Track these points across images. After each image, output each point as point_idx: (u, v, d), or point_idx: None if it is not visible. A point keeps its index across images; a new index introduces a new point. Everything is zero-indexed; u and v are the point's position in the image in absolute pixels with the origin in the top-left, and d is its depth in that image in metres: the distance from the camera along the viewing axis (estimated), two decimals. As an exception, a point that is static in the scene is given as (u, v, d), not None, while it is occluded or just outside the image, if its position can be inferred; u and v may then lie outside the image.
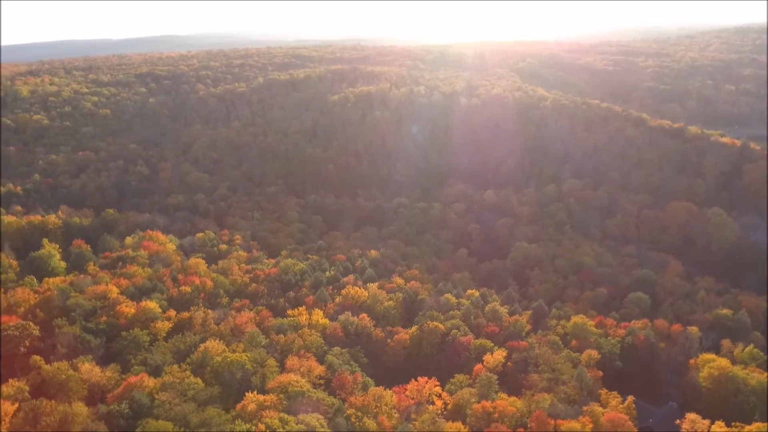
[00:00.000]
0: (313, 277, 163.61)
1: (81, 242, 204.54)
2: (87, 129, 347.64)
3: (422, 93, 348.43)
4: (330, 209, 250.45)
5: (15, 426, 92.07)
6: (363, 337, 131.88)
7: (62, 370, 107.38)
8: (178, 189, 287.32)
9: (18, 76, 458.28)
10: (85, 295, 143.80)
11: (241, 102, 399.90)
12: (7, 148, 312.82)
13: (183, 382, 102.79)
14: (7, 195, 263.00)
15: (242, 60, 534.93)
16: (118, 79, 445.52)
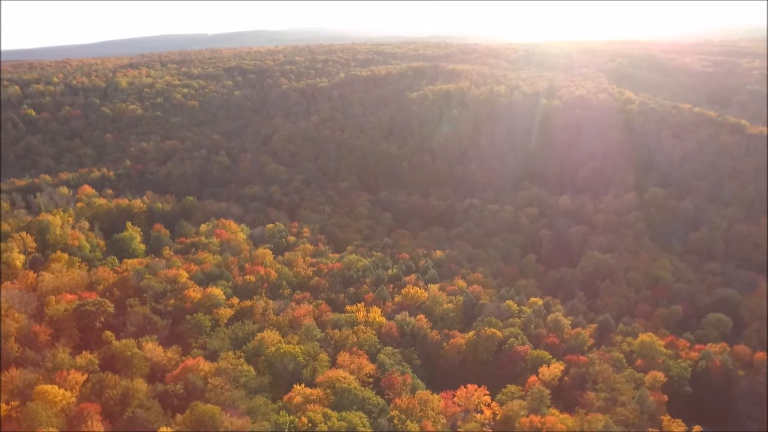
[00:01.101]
0: (375, 275, 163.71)
1: (161, 227, 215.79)
2: (176, 119, 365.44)
3: (502, 93, 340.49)
4: (400, 207, 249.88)
5: (83, 395, 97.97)
6: (418, 338, 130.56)
7: (129, 347, 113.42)
8: (255, 180, 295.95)
9: (120, 69, 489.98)
10: (157, 278, 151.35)
11: (322, 97, 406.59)
12: (104, 135, 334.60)
13: (236, 369, 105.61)
14: (101, 179, 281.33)
15: (326, 55, 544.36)
16: (208, 72, 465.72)
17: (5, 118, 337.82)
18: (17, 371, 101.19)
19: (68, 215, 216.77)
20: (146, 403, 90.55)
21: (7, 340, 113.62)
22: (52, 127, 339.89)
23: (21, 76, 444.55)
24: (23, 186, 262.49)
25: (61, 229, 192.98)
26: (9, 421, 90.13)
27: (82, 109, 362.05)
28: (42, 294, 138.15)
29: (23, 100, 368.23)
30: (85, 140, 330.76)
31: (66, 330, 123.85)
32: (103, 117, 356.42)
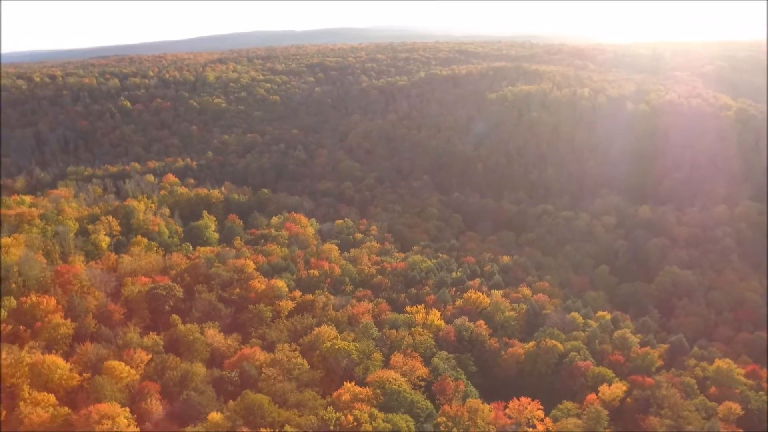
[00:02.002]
0: (438, 277, 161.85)
1: (235, 217, 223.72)
2: (257, 113, 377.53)
3: (586, 95, 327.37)
4: (471, 209, 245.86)
5: (147, 374, 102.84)
6: (476, 344, 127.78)
7: (192, 331, 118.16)
8: (330, 175, 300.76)
9: (209, 63, 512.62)
10: (225, 267, 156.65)
11: (401, 95, 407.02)
12: (190, 126, 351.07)
13: (290, 361, 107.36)
14: (184, 168, 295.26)
15: (407, 54, 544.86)
16: (291, 69, 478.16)
17: (104, 108, 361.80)
18: (91, 346, 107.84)
19: (151, 202, 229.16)
20: (201, 387, 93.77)
21: (86, 315, 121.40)
22: (145, 117, 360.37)
23: (121, 69, 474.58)
24: (115, 172, 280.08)
25: (144, 214, 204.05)
26: (81, 391, 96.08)
27: (172, 102, 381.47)
28: (120, 275, 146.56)
29: (121, 92, 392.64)
30: (173, 131, 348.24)
31: (138, 311, 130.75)
32: (190, 109, 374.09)
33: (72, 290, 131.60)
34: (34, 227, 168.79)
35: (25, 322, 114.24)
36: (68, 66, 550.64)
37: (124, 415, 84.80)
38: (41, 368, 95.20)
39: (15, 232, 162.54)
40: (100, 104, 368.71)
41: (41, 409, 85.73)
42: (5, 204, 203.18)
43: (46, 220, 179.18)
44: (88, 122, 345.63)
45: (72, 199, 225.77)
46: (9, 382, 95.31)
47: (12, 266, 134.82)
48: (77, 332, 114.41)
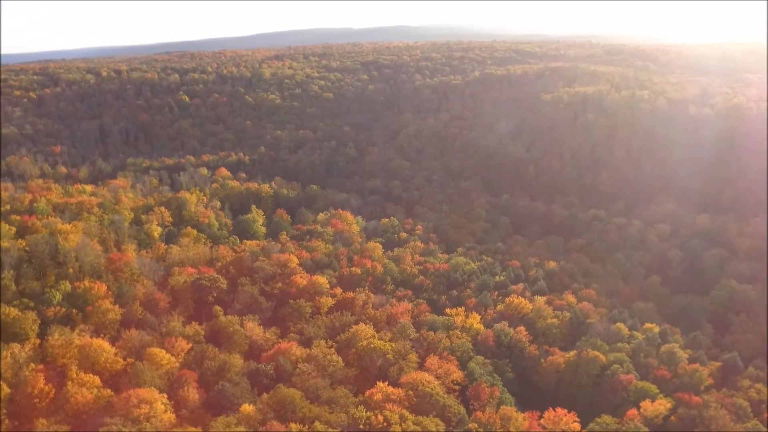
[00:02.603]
0: (481, 280, 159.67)
1: (283, 212, 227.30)
2: (311, 110, 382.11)
3: (645, 98, 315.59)
4: (520, 212, 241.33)
5: (186, 362, 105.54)
6: (515, 351, 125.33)
7: (232, 323, 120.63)
8: (379, 173, 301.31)
9: (266, 60, 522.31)
10: (269, 261, 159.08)
11: (454, 94, 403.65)
12: (244, 122, 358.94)
13: (326, 358, 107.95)
14: (237, 162, 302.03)
15: (463, 53, 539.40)
16: (346, 66, 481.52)
17: (164, 102, 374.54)
18: (136, 332, 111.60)
19: (203, 194, 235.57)
20: (236, 378, 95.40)
21: (134, 302, 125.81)
22: (201, 112, 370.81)
23: (182, 65, 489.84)
24: (171, 165, 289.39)
25: (195, 206, 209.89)
26: (124, 375, 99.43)
27: (229, 97, 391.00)
28: (169, 265, 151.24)
29: (180, 87, 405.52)
30: (228, 126, 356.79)
31: (183, 300, 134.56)
32: (245, 105, 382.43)
33: (122, 277, 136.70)
34: (93, 215, 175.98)
35: (77, 306, 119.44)
36: (134, 61, 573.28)
37: (162, 401, 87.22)
38: (89, 351, 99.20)
39: (75, 220, 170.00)
40: (160, 98, 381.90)
41: (86, 390, 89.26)
42: (68, 192, 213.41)
43: (103, 209, 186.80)
44: (148, 115, 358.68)
45: (129, 189, 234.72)
46: (60, 362, 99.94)
47: (70, 252, 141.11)
48: (124, 318, 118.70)
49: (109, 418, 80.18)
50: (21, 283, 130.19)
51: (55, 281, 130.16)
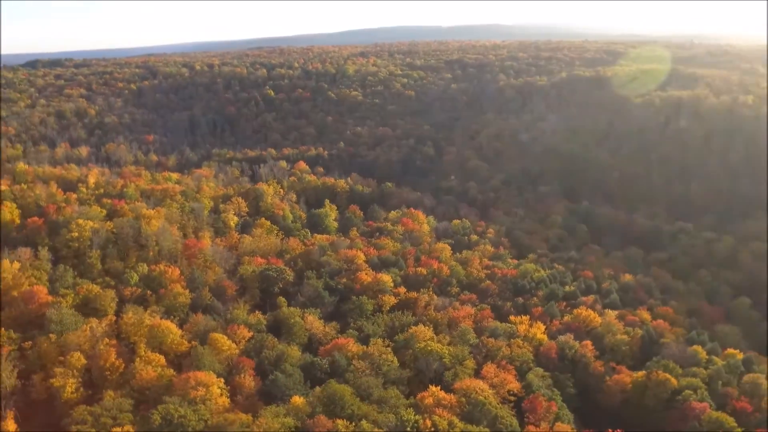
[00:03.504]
0: (550, 289, 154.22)
1: (356, 208, 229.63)
2: (392, 107, 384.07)
3: (749, 103, 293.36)
4: (599, 220, 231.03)
5: (245, 350, 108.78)
6: (579, 365, 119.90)
7: (294, 315, 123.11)
8: (456, 174, 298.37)
9: (351, 57, 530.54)
10: (337, 256, 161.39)
11: (538, 95, 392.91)
12: (326, 117, 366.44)
13: (381, 357, 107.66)
14: (316, 157, 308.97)
15: (551, 53, 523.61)
16: (429, 64, 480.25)
17: (250, 96, 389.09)
18: (202, 317, 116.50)
19: (281, 187, 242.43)
20: (290, 370, 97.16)
21: (203, 288, 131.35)
22: (285, 106, 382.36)
23: (270, 60, 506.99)
24: (252, 157, 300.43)
25: (271, 198, 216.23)
26: (187, 357, 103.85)
27: (312, 93, 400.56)
28: (240, 254, 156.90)
29: (267, 81, 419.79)
30: (310, 121, 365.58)
31: (250, 289, 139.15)
32: (328, 101, 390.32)
33: (195, 263, 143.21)
34: (175, 202, 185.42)
35: (152, 288, 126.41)
36: (226, 56, 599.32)
37: (218, 385, 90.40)
38: (157, 331, 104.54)
39: (159, 206, 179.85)
40: (247, 92, 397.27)
41: (151, 368, 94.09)
42: (155, 179, 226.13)
43: (185, 196, 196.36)
44: (235, 108, 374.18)
45: (212, 178, 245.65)
46: (132, 339, 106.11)
47: (151, 236, 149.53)
48: (193, 302, 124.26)
49: (168, 396, 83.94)
50: (106, 262, 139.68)
51: (135, 263, 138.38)
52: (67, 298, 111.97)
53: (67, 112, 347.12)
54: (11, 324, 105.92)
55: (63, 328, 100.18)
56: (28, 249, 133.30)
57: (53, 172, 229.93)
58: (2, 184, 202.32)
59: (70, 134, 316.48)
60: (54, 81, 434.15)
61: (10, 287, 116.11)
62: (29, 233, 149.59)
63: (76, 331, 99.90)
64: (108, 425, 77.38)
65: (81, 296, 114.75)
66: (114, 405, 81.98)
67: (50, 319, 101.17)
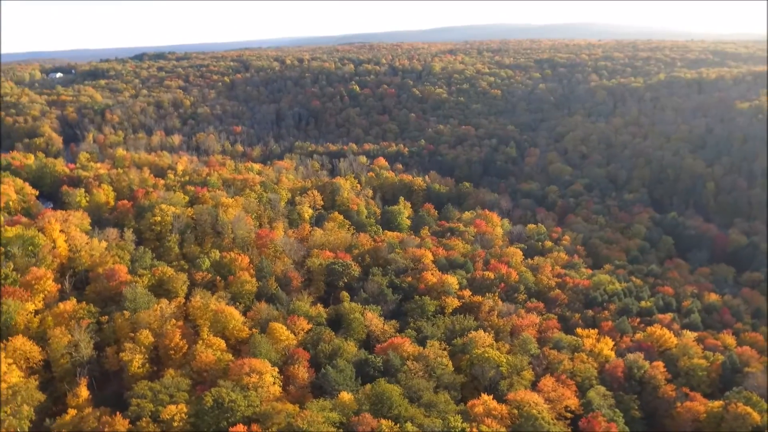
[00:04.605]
0: (623, 303, 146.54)
1: (430, 207, 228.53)
2: (476, 106, 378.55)
3: None
4: (687, 233, 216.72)
5: (303, 341, 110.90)
6: (647, 387, 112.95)
7: (354, 311, 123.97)
8: (537, 176, 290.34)
9: (439, 54, 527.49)
10: (404, 254, 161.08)
11: (632, 98, 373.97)
12: (409, 114, 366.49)
13: (436, 360, 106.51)
14: (395, 154, 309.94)
15: (649, 53, 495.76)
16: (518, 63, 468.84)
17: (336, 91, 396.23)
18: (265, 306, 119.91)
19: (358, 182, 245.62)
20: (342, 365, 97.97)
21: (270, 278, 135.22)
22: (370, 102, 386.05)
23: (359, 56, 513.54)
24: (334, 151, 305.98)
25: (348, 193, 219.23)
26: (246, 344, 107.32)
27: (397, 89, 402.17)
28: (310, 246, 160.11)
29: (353, 77, 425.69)
30: (393, 117, 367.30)
31: (315, 282, 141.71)
32: (412, 97, 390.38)
33: (266, 253, 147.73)
34: (253, 192, 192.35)
35: (221, 274, 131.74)
36: (317, 51, 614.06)
37: (272, 374, 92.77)
38: (221, 316, 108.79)
39: (237, 195, 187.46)
40: (333, 87, 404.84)
41: (211, 351, 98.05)
42: (237, 169, 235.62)
43: (264, 187, 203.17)
44: (320, 103, 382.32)
45: (292, 171, 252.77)
46: (198, 322, 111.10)
47: (227, 224, 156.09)
48: (259, 291, 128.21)
49: (223, 380, 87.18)
50: (184, 246, 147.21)
51: (209, 249, 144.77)
52: (143, 279, 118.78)
53: (165, 102, 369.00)
54: (93, 298, 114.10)
55: (136, 306, 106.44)
56: (115, 230, 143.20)
57: (148, 158, 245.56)
58: (103, 168, 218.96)
59: (166, 123, 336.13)
60: (156, 73, 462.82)
61: (96, 264, 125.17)
62: (119, 215, 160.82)
63: (148, 310, 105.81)
64: (164, 402, 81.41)
65: (156, 277, 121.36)
66: (172, 383, 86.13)
67: (126, 297, 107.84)
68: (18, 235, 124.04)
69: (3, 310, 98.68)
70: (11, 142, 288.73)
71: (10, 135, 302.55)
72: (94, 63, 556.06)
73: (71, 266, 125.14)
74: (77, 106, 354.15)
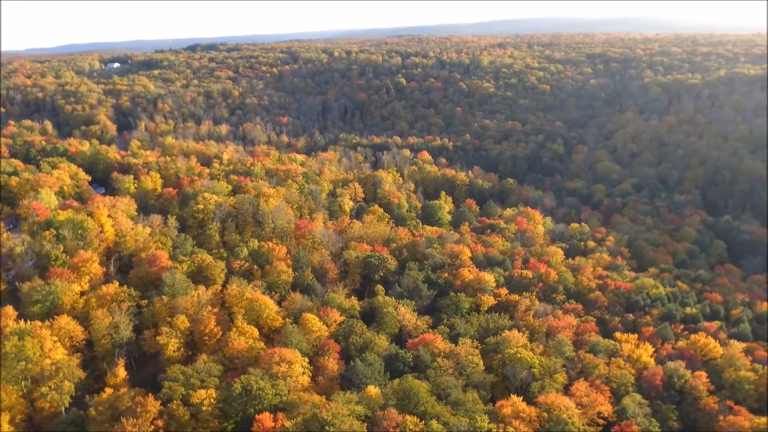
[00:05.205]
0: (666, 308, 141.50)
1: (472, 203, 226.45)
2: (523, 101, 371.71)
3: None
4: (741, 238, 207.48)
5: (334, 333, 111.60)
6: (687, 398, 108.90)
7: (388, 304, 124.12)
8: (584, 175, 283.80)
9: (489, 47, 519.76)
10: (442, 250, 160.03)
11: (688, 95, 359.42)
12: (455, 108, 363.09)
13: (467, 358, 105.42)
14: (440, 148, 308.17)
15: (710, 48, 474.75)
16: (569, 58, 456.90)
17: (382, 83, 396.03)
18: (300, 296, 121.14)
19: (400, 175, 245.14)
20: (371, 359, 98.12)
21: (306, 269, 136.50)
22: (416, 95, 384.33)
23: (407, 49, 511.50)
24: (378, 144, 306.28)
25: (389, 186, 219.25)
26: (278, 333, 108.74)
27: (444, 83, 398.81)
28: (348, 238, 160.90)
29: (400, 69, 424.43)
30: (438, 111, 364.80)
31: (351, 274, 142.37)
32: (458, 91, 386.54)
33: (303, 244, 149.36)
34: (295, 183, 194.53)
35: (259, 263, 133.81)
36: (366, 43, 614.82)
37: (301, 364, 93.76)
38: (255, 305, 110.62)
39: (279, 185, 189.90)
40: (380, 79, 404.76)
41: (244, 339, 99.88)
42: (281, 159, 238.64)
43: (306, 178, 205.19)
44: (366, 95, 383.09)
45: (335, 162, 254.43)
46: (233, 309, 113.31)
47: (267, 214, 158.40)
48: (295, 281, 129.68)
49: (252, 368, 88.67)
50: (224, 235, 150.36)
51: (249, 238, 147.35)
52: (183, 265, 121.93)
53: (214, 93, 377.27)
54: (135, 282, 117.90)
55: (174, 292, 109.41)
56: (159, 216, 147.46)
57: (195, 147, 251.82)
58: (152, 155, 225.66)
59: (215, 113, 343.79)
60: (207, 63, 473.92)
61: (139, 249, 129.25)
62: (164, 202, 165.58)
63: (185, 296, 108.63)
64: (195, 386, 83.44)
65: (195, 264, 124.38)
66: (204, 368, 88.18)
67: (165, 282, 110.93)
68: (69, 219, 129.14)
69: (51, 290, 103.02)
70: (69, 129, 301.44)
71: (69, 122, 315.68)
72: (149, 53, 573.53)
73: (117, 250, 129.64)
74: (131, 95, 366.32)
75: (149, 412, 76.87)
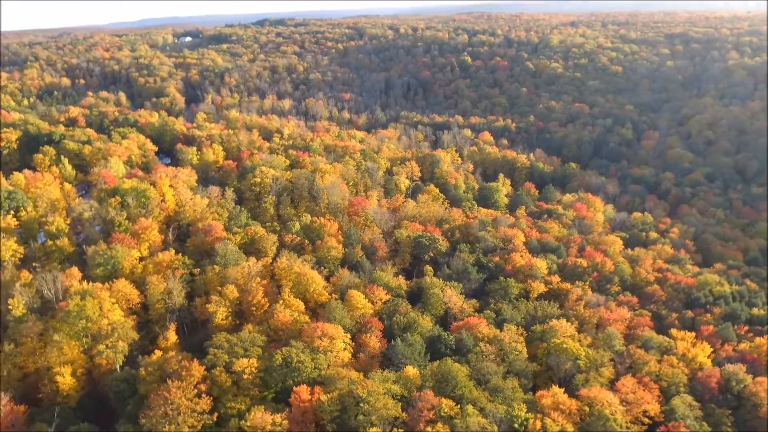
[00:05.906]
0: (730, 308, 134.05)
1: (531, 186, 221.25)
2: (593, 83, 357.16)
3: None
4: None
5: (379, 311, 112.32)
6: (746, 404, 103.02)
7: (435, 285, 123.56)
8: (653, 162, 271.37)
9: (560, 26, 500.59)
10: (495, 233, 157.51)
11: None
12: (520, 88, 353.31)
13: (510, 345, 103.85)
14: (502, 129, 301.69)
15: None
16: (646, 37, 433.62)
17: (447, 61, 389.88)
18: (347, 273, 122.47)
19: (458, 155, 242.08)
20: (412, 339, 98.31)
21: (356, 246, 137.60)
22: (480, 74, 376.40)
23: (474, 26, 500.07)
24: (439, 122, 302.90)
25: (447, 166, 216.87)
26: (323, 308, 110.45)
27: (510, 62, 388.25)
28: (401, 217, 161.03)
29: (466, 47, 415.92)
30: (503, 90, 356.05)
31: (401, 253, 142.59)
32: (525, 71, 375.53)
33: (356, 221, 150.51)
34: (352, 160, 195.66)
35: (310, 238, 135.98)
36: (434, 20, 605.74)
37: (343, 340, 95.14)
38: (302, 279, 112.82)
39: (336, 162, 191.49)
40: (445, 57, 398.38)
41: (289, 312, 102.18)
42: (340, 136, 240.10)
43: (364, 155, 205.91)
44: (430, 73, 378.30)
45: (394, 140, 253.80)
46: (282, 282, 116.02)
47: (322, 189, 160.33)
48: (344, 257, 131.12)
49: (294, 341, 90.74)
50: (279, 209, 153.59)
51: (303, 212, 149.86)
52: (236, 236, 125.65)
53: (279, 68, 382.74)
54: (191, 251, 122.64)
55: (226, 262, 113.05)
56: (217, 188, 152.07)
57: (258, 121, 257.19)
58: (216, 128, 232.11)
59: (279, 88, 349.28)
60: (274, 38, 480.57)
61: (197, 219, 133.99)
62: (223, 174, 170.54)
63: (236, 266, 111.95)
64: (239, 354, 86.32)
65: (249, 236, 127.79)
66: (249, 338, 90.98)
67: (218, 253, 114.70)
68: (133, 188, 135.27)
69: (112, 255, 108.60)
70: (141, 101, 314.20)
71: (141, 94, 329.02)
72: (219, 28, 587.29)
73: (176, 219, 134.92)
74: (200, 68, 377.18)
75: (193, 376, 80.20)
